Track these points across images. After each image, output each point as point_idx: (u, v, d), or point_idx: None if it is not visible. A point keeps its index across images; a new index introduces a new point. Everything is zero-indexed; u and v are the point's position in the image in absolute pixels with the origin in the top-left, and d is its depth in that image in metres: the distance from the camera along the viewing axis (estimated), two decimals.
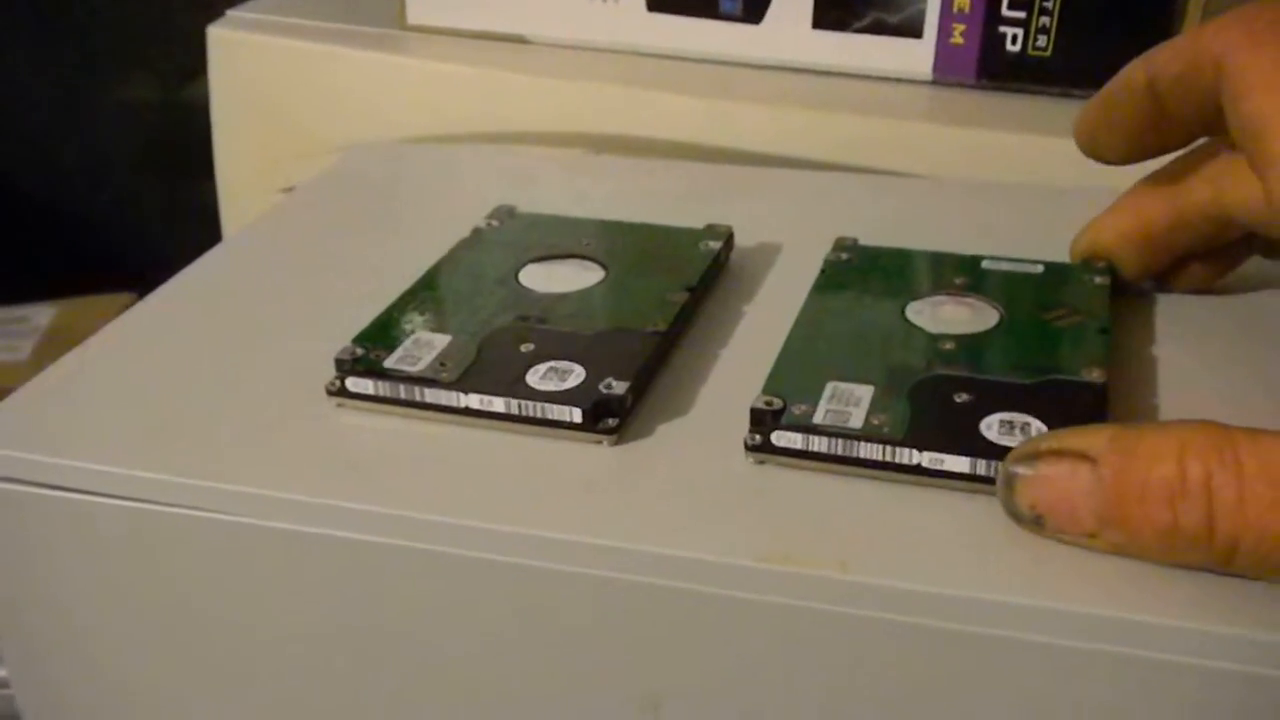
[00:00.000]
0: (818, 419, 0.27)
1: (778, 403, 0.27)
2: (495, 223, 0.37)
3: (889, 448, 0.26)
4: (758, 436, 0.27)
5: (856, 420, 0.27)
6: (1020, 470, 0.24)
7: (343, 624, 0.28)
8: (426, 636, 0.28)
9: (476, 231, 0.36)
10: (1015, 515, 0.25)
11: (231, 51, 0.52)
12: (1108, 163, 0.31)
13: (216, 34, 0.52)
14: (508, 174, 0.44)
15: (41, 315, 0.98)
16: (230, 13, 0.53)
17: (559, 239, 0.36)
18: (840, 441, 0.26)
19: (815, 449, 0.27)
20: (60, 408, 0.31)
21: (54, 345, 0.92)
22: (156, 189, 1.15)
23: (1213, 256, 0.33)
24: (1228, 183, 0.30)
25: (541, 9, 0.49)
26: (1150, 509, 0.23)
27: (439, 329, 0.31)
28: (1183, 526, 0.22)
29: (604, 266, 0.34)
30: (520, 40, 0.50)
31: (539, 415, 0.28)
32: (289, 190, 0.52)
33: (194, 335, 0.34)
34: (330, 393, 0.30)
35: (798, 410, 0.27)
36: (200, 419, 0.30)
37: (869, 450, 0.26)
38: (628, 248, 0.35)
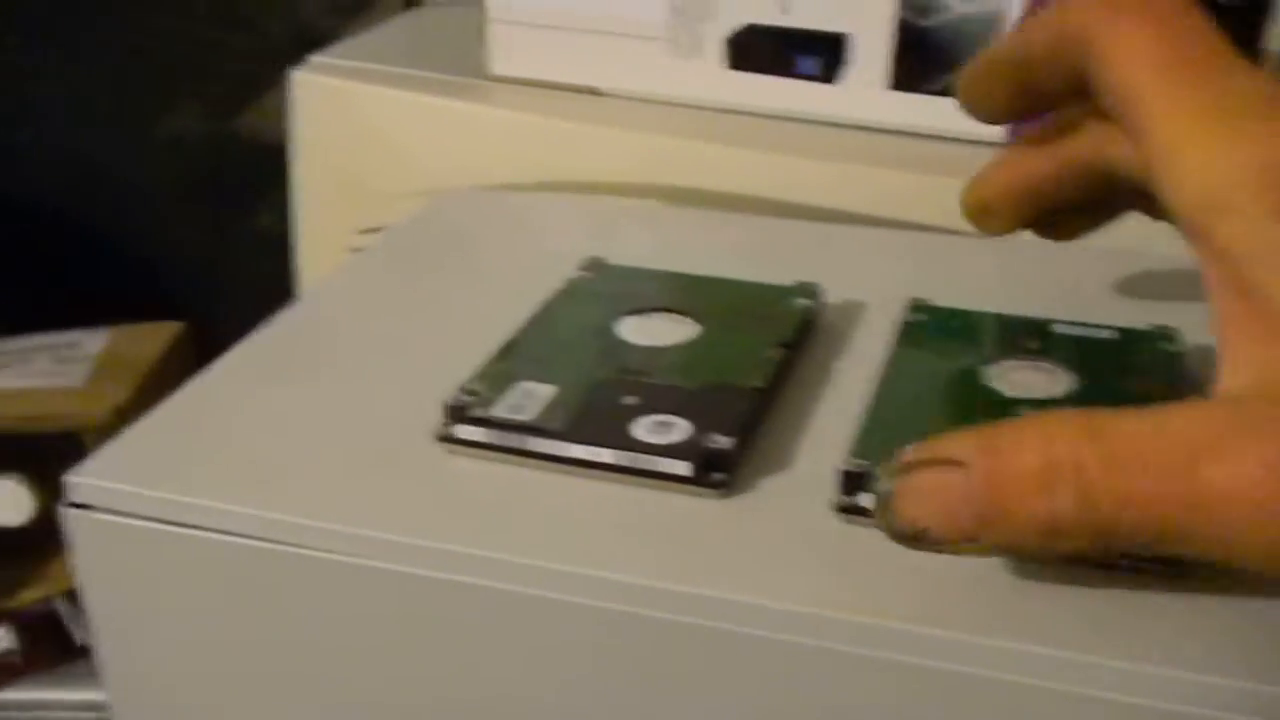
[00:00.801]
0: None
1: (865, 465, 0.28)
2: (587, 274, 0.38)
3: None
4: (846, 498, 0.28)
5: None
6: (894, 487, 0.25)
7: (450, 666, 0.29)
8: (536, 682, 0.28)
9: (570, 282, 0.38)
10: (897, 534, 0.25)
11: (314, 95, 0.54)
12: (983, 121, 0.32)
13: (300, 78, 0.54)
14: (589, 223, 0.45)
15: (94, 342, 0.99)
16: (313, 58, 0.55)
17: (651, 292, 0.37)
18: None
19: None
20: (172, 445, 0.32)
21: (107, 371, 0.93)
22: (202, 220, 1.17)
23: (1093, 208, 0.34)
24: (1110, 138, 0.30)
25: (621, 64, 0.50)
26: (1026, 499, 0.23)
27: (543, 379, 0.32)
28: (1059, 510, 0.23)
29: (697, 321, 0.35)
30: (598, 93, 0.51)
31: (647, 468, 0.29)
32: (367, 232, 0.53)
33: (298, 376, 0.35)
34: (439, 438, 0.31)
35: None
36: (311, 460, 0.31)
37: None
38: (719, 302, 0.36)
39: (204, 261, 1.18)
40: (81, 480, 0.30)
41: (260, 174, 1.16)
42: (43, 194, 1.16)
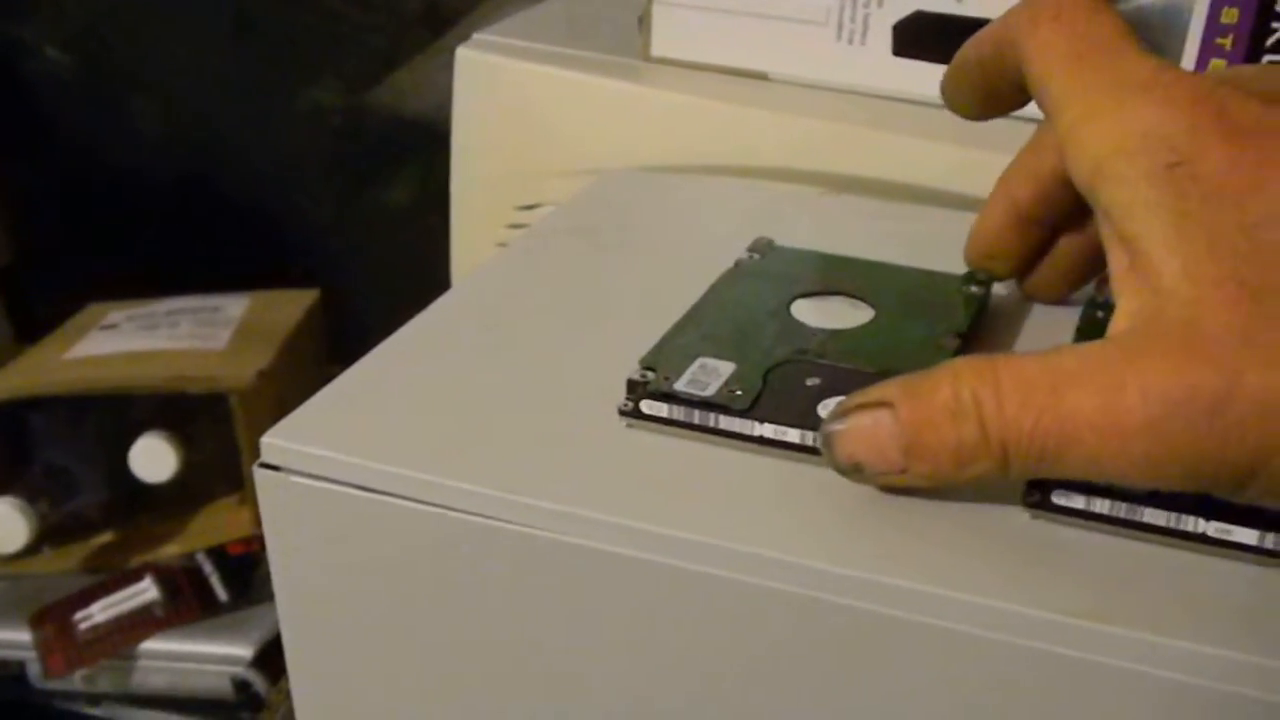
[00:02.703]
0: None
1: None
2: (756, 255, 0.38)
3: (1174, 515, 0.27)
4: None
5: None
6: (834, 428, 0.28)
7: (624, 640, 0.29)
8: (710, 660, 0.29)
9: (739, 263, 0.38)
10: (838, 469, 0.28)
11: (477, 72, 0.54)
12: (966, 118, 0.35)
13: (464, 55, 0.54)
14: (752, 206, 0.45)
15: (235, 306, 1.02)
16: (477, 35, 0.55)
17: (823, 275, 0.37)
18: (1124, 506, 0.27)
19: (1097, 510, 0.28)
20: (358, 413, 0.33)
21: (249, 335, 0.96)
22: (335, 191, 1.20)
23: (1083, 249, 0.35)
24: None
25: (785, 47, 0.50)
26: (939, 432, 0.27)
27: (721, 356, 0.32)
28: (964, 440, 0.26)
29: (871, 305, 0.35)
30: (762, 77, 0.51)
31: None
32: (525, 209, 0.54)
33: (475, 348, 0.36)
34: (623, 413, 0.31)
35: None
36: (496, 432, 0.32)
37: (1153, 516, 0.27)
38: (892, 288, 0.36)
39: (335, 232, 1.21)
40: (274, 442, 0.31)
41: (392, 148, 1.19)
42: (186, 164, 1.20)
